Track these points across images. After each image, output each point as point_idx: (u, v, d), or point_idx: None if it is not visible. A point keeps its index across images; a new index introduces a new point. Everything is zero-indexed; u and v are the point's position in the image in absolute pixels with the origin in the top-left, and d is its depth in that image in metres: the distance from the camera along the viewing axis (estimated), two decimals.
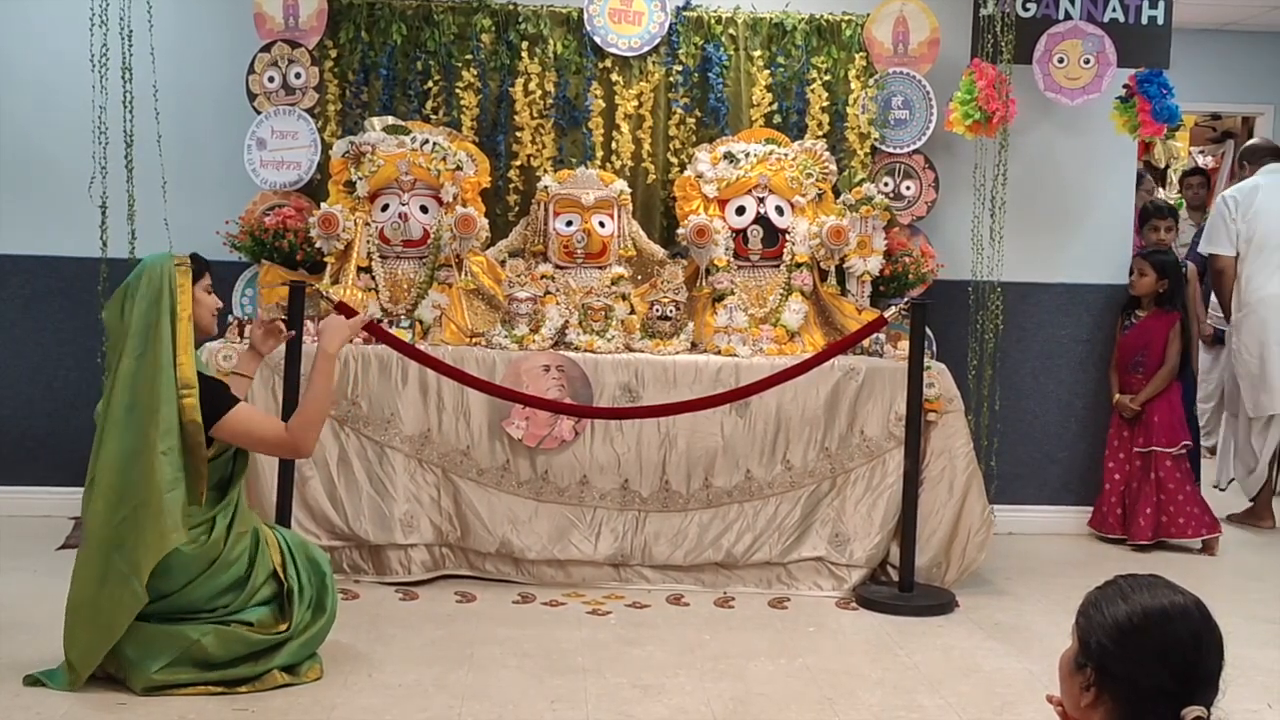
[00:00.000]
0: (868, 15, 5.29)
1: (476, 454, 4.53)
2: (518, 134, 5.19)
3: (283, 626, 3.44)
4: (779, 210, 5.00)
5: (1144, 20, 5.43)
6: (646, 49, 5.21)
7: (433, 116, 5.18)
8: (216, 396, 3.42)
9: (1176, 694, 1.78)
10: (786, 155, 5.06)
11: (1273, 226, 5.80)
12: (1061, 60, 5.40)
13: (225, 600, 3.40)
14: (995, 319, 5.23)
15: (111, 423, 3.34)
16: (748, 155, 5.02)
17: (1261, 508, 6.04)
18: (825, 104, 5.28)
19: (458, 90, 5.17)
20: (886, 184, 5.29)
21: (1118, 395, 5.57)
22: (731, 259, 4.98)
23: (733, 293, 4.91)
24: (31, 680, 3.36)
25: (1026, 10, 5.41)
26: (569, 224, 4.94)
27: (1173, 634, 1.80)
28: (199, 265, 3.51)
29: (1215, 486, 6.27)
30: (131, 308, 3.37)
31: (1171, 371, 5.55)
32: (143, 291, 3.37)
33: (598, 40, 5.20)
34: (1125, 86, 5.40)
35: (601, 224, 4.95)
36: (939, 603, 4.41)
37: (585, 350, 4.65)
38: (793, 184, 5.01)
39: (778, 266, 5.00)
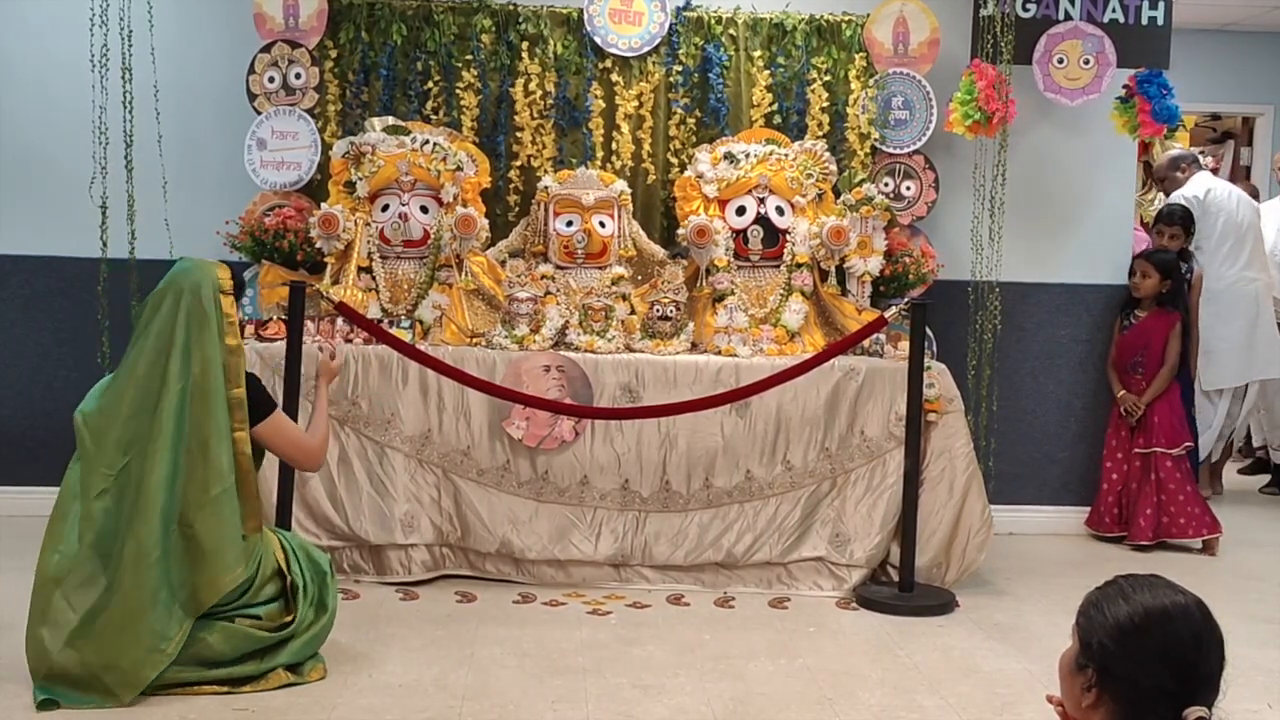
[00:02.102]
0: (868, 15, 5.30)
1: (477, 454, 4.54)
2: (518, 134, 5.20)
3: (289, 617, 3.45)
4: (779, 210, 5.00)
5: (1144, 21, 5.43)
6: (646, 49, 5.22)
7: (433, 117, 5.18)
8: (263, 397, 3.47)
9: (1177, 694, 1.78)
10: (786, 155, 5.06)
11: (1229, 221, 6.25)
12: (1061, 61, 5.40)
13: (232, 598, 3.39)
14: (994, 319, 5.23)
15: (161, 439, 3.26)
16: (748, 155, 5.02)
17: (1211, 476, 6.65)
18: (825, 104, 5.28)
19: (458, 90, 5.17)
20: (886, 184, 5.30)
21: (1123, 392, 5.56)
22: (732, 259, 4.98)
23: (733, 293, 4.91)
24: (45, 705, 3.24)
25: (1026, 11, 5.41)
26: (569, 224, 4.94)
27: (1174, 634, 1.80)
28: (237, 282, 3.49)
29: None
30: (173, 321, 3.32)
31: (1172, 371, 5.56)
32: (185, 306, 3.33)
33: (598, 40, 5.20)
34: (1125, 87, 5.41)
35: (602, 224, 4.95)
36: (939, 603, 4.42)
37: (585, 350, 4.65)
38: (793, 184, 5.01)
39: (778, 267, 5.00)
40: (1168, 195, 6.51)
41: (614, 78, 5.23)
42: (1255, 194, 7.46)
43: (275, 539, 3.57)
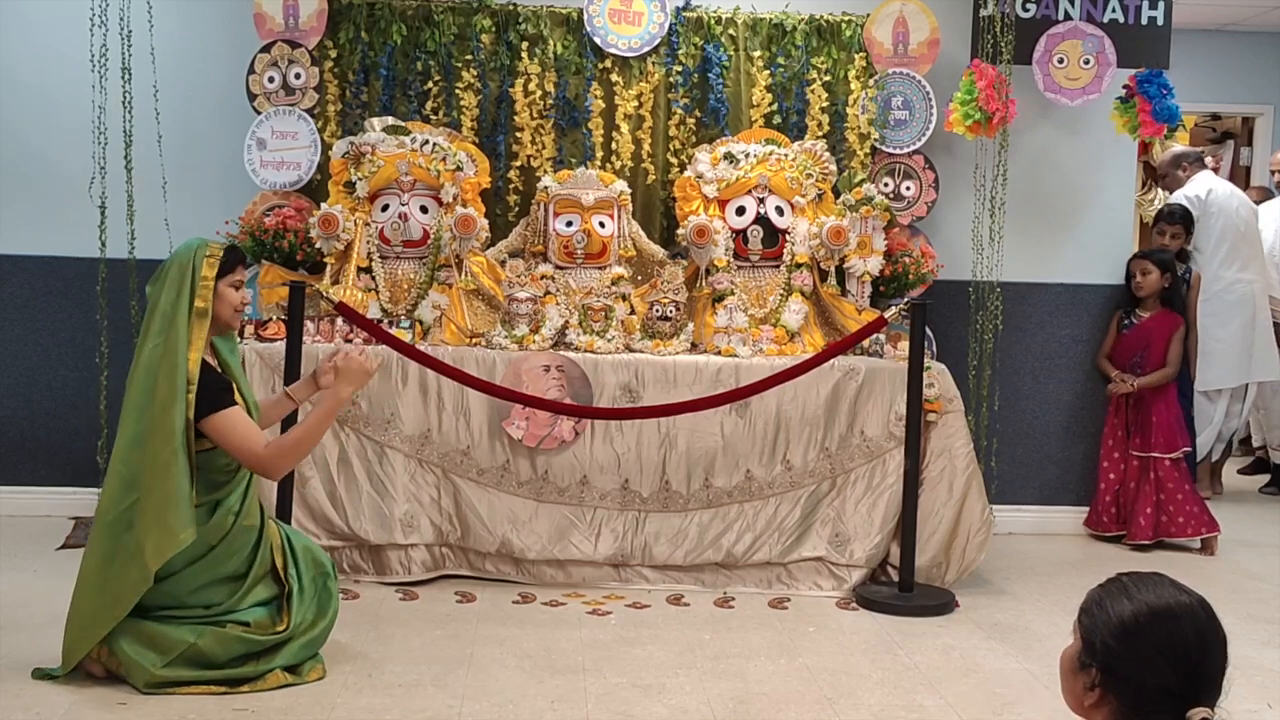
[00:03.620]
0: (868, 15, 5.30)
1: (476, 454, 4.54)
2: (518, 134, 5.20)
3: (280, 627, 3.45)
4: (779, 210, 5.00)
5: (1144, 21, 5.43)
6: (646, 49, 5.22)
7: (433, 117, 5.18)
8: (215, 391, 3.38)
9: (1181, 694, 1.77)
10: (786, 155, 5.06)
11: (1229, 223, 6.27)
12: (1061, 61, 5.40)
13: (219, 596, 3.41)
14: (995, 319, 5.23)
15: (130, 406, 3.36)
16: (748, 156, 5.02)
17: (1211, 476, 6.69)
18: (825, 104, 5.28)
19: (458, 90, 5.17)
20: (886, 184, 5.30)
21: (1115, 372, 5.55)
22: (731, 259, 4.98)
23: (733, 293, 4.91)
24: (40, 674, 3.37)
25: (1026, 11, 5.41)
26: (569, 224, 4.94)
27: (1178, 633, 1.79)
28: (231, 258, 3.45)
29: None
30: (160, 290, 3.39)
31: (1171, 374, 5.56)
32: (171, 275, 3.39)
33: (597, 41, 5.20)
34: (1125, 87, 5.40)
35: (601, 224, 4.95)
36: (939, 603, 4.42)
37: (585, 350, 4.65)
38: (793, 184, 5.01)
39: (778, 267, 5.00)
40: (1170, 192, 6.50)
41: (614, 78, 5.23)
42: (1269, 196, 7.43)
43: (278, 537, 3.57)
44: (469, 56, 5.18)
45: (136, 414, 3.35)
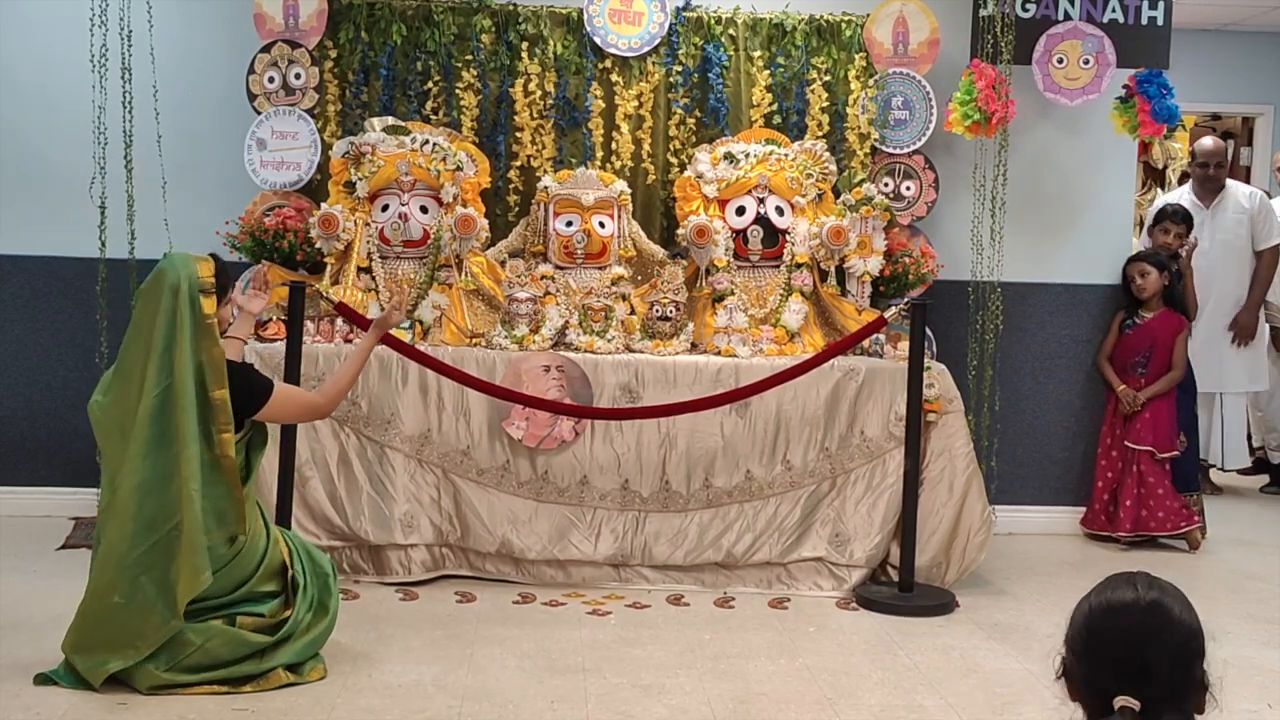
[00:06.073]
0: (868, 15, 5.30)
1: (476, 454, 4.54)
2: (518, 134, 5.20)
3: (287, 613, 3.45)
4: (779, 211, 5.00)
5: (1143, 21, 5.43)
6: (646, 49, 5.22)
7: (433, 117, 5.18)
8: (252, 385, 3.43)
9: (1117, 691, 1.78)
10: (786, 156, 5.06)
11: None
12: (1061, 61, 5.40)
13: (238, 594, 3.40)
14: (995, 319, 5.23)
15: (135, 447, 3.29)
16: (748, 155, 5.02)
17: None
18: (825, 104, 5.28)
19: (458, 90, 5.17)
20: (886, 184, 5.30)
21: (1123, 386, 5.54)
22: (731, 259, 4.98)
23: (733, 293, 4.91)
24: (42, 679, 3.35)
25: (1026, 11, 5.41)
26: (569, 224, 4.94)
27: (1110, 629, 1.81)
28: (222, 281, 3.44)
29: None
30: (154, 320, 3.31)
31: (1179, 377, 5.56)
32: (165, 308, 3.31)
33: (597, 40, 5.20)
34: (1125, 87, 5.40)
35: (601, 224, 4.95)
36: (939, 603, 4.42)
37: (585, 350, 4.65)
38: (793, 184, 5.01)
39: (778, 267, 5.00)
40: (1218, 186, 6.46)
41: (614, 78, 5.23)
42: (1269, 196, 7.43)
43: (281, 537, 3.58)
44: (469, 56, 5.18)
45: (144, 457, 3.28)
